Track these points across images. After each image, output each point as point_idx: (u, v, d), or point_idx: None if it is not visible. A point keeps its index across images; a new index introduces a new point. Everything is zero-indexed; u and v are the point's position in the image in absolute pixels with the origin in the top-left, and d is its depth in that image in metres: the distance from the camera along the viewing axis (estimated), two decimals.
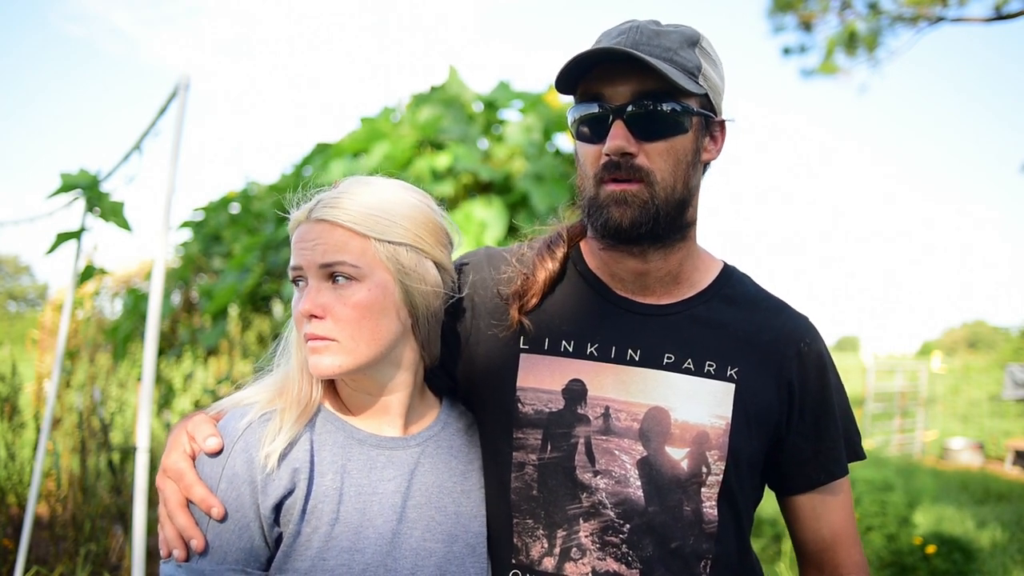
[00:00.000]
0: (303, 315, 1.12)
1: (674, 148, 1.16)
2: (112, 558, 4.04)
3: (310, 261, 1.13)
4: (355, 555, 1.11)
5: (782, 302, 1.32)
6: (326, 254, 1.12)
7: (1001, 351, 28.92)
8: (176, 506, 1.09)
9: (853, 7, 7.88)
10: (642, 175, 1.15)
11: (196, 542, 1.07)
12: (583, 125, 1.19)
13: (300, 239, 1.15)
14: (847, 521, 1.31)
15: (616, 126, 1.14)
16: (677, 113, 1.15)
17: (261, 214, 5.76)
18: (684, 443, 1.20)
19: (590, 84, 1.17)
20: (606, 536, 1.19)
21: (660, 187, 1.16)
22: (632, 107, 1.14)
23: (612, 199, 1.16)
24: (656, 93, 1.14)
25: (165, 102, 2.70)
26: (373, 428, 1.20)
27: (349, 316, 1.12)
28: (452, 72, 5.01)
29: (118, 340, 5.67)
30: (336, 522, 1.11)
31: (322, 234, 1.13)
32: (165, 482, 1.11)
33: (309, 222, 1.15)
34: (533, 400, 1.24)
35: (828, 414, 1.28)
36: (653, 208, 1.16)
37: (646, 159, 1.15)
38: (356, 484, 1.14)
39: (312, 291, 1.12)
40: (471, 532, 1.23)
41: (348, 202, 1.14)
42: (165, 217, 2.58)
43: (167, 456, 1.13)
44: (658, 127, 1.15)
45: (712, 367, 1.22)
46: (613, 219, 1.16)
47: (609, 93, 1.15)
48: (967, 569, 4.62)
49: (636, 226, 1.16)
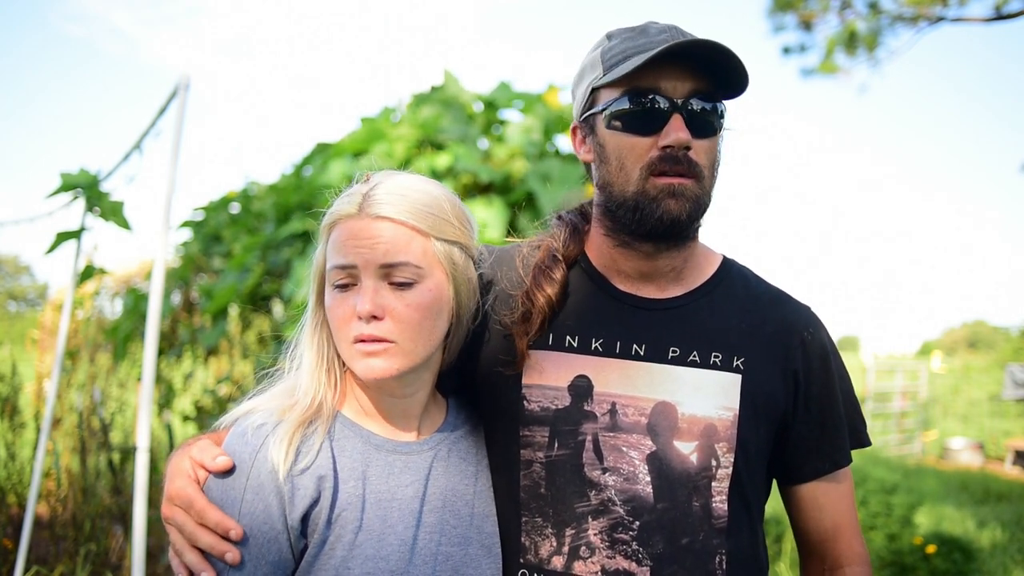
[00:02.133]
0: (364, 316, 1.06)
1: (714, 148, 1.20)
2: (112, 558, 4.03)
3: (368, 260, 1.07)
4: (379, 563, 1.08)
5: (784, 293, 1.33)
6: (388, 254, 1.07)
7: (1001, 351, 28.92)
8: (194, 528, 1.05)
9: (853, 7, 7.88)
10: (696, 171, 1.17)
11: (231, 555, 1.03)
12: (632, 118, 1.18)
13: (352, 236, 1.08)
14: (849, 511, 1.31)
15: (677, 119, 1.15)
16: (720, 114, 1.19)
17: (261, 214, 5.75)
18: (692, 436, 1.20)
19: (642, 77, 1.16)
20: (615, 534, 1.19)
21: (707, 183, 1.19)
22: (693, 102, 1.16)
23: (667, 192, 1.16)
24: (708, 93, 1.17)
25: (165, 102, 2.70)
26: (388, 433, 1.18)
27: (411, 318, 1.08)
28: (448, 76, 5.01)
29: (118, 340, 5.66)
30: (360, 530, 1.09)
31: (382, 232, 1.07)
32: (174, 511, 1.08)
33: (362, 218, 1.08)
34: (539, 397, 1.24)
35: (832, 403, 1.28)
36: (703, 204, 1.19)
37: (697, 155, 1.17)
38: (376, 491, 1.12)
39: (370, 291, 1.07)
40: (485, 533, 1.22)
41: (402, 198, 1.09)
42: (165, 217, 2.58)
43: (170, 484, 1.09)
44: (708, 125, 1.18)
45: (718, 358, 1.22)
46: (670, 212, 1.16)
47: (667, 87, 1.16)
48: (967, 569, 4.62)
49: (691, 219, 1.19)
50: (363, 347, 1.08)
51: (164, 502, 1.10)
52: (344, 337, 1.10)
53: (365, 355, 1.08)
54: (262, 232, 5.45)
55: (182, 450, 1.13)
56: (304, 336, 1.18)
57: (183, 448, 1.14)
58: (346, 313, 1.08)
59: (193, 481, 1.08)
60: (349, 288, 1.09)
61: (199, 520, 1.05)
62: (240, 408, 1.16)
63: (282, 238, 4.89)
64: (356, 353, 1.09)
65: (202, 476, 1.09)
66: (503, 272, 1.32)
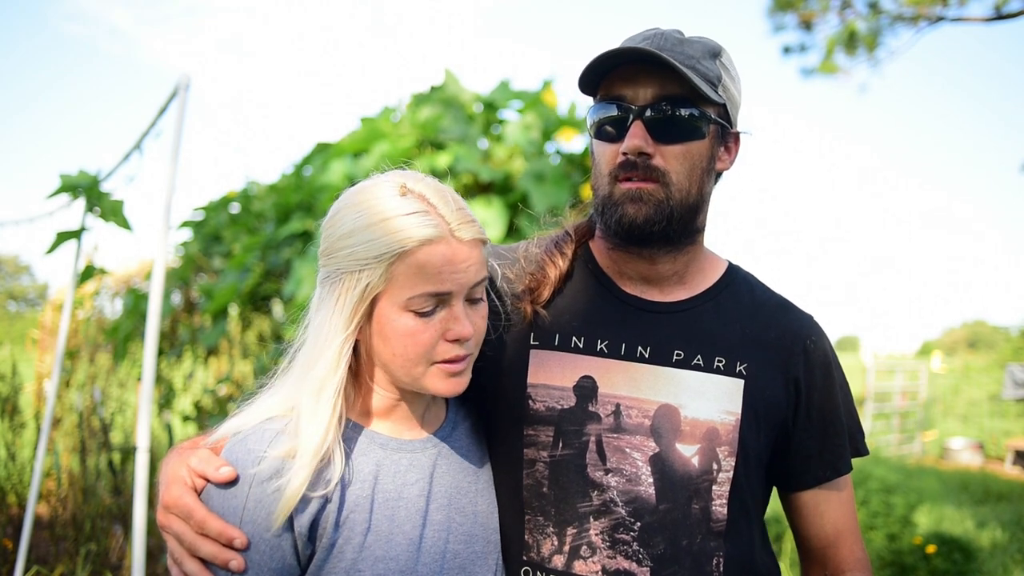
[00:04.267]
0: (464, 339, 1.07)
1: (690, 152, 1.19)
2: (112, 558, 4.03)
3: (463, 285, 1.06)
4: (389, 563, 1.08)
5: (787, 300, 1.34)
6: (477, 275, 1.08)
7: (1001, 351, 28.88)
8: (194, 538, 1.04)
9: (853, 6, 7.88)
10: (658, 175, 1.17)
11: (236, 562, 1.01)
12: (603, 125, 1.21)
13: (448, 263, 1.04)
14: (850, 516, 1.32)
15: (635, 126, 1.16)
16: (695, 118, 1.18)
17: (261, 214, 5.76)
18: (695, 439, 1.21)
19: (612, 85, 1.19)
20: (617, 534, 1.19)
21: (675, 188, 1.18)
22: (652, 109, 1.16)
23: (627, 196, 1.18)
24: (676, 98, 1.16)
25: (165, 102, 2.70)
26: (392, 432, 1.17)
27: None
28: (448, 75, 5.01)
29: (118, 340, 5.66)
30: (368, 531, 1.09)
31: (472, 255, 1.07)
32: (171, 519, 1.06)
33: (450, 242, 1.05)
34: (544, 397, 1.24)
35: (834, 411, 1.29)
36: (667, 208, 1.18)
37: (662, 160, 1.17)
38: (384, 491, 1.12)
39: (463, 315, 1.07)
40: (489, 530, 1.22)
41: (468, 213, 1.08)
42: (165, 217, 2.58)
43: (167, 492, 1.07)
44: (676, 130, 1.17)
45: (721, 363, 1.23)
46: (627, 216, 1.18)
47: (630, 95, 1.17)
48: (967, 569, 4.62)
49: (649, 223, 1.18)
50: (450, 367, 1.09)
51: (160, 510, 1.08)
52: (423, 360, 1.08)
53: (449, 375, 1.10)
54: (262, 232, 5.45)
55: (177, 457, 1.11)
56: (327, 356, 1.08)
57: (177, 454, 1.12)
58: (432, 338, 1.07)
59: (191, 490, 1.06)
60: (432, 312, 1.07)
61: (199, 530, 1.03)
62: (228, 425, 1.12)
63: (282, 238, 4.89)
64: (439, 373, 1.09)
65: (200, 485, 1.07)
66: (506, 264, 1.33)
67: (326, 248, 1.11)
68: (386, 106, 5.15)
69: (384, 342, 1.09)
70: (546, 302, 1.28)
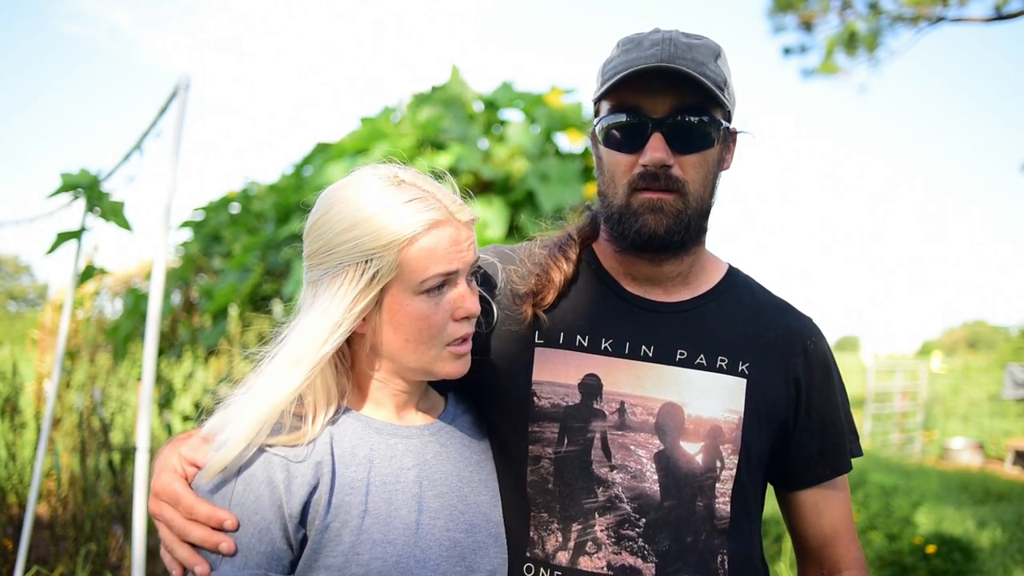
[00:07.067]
0: (472, 316, 1.13)
1: (706, 160, 1.20)
2: (112, 558, 4.03)
3: (467, 263, 1.12)
4: (387, 547, 1.09)
5: (787, 302, 1.35)
6: (475, 252, 1.14)
7: (1001, 351, 28.92)
8: (184, 523, 1.05)
9: (853, 7, 7.89)
10: (678, 186, 1.18)
11: (225, 544, 1.03)
12: (616, 133, 1.20)
13: (454, 243, 1.09)
14: (847, 516, 1.33)
15: (656, 138, 1.16)
16: (709, 126, 1.18)
17: (261, 214, 5.76)
18: (698, 437, 1.22)
19: (626, 94, 1.18)
20: (622, 530, 1.20)
21: (692, 198, 1.19)
22: (671, 120, 1.16)
23: (647, 207, 1.18)
24: (693, 107, 1.17)
25: (165, 102, 2.70)
26: (387, 417, 1.18)
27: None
28: (455, 71, 5.02)
29: (118, 340, 5.66)
30: (365, 514, 1.10)
31: (471, 233, 1.13)
32: (161, 506, 1.08)
33: (451, 223, 1.10)
34: (549, 394, 1.25)
35: (833, 411, 1.31)
36: (686, 218, 1.19)
37: (681, 171, 1.18)
38: (380, 474, 1.13)
39: (470, 291, 1.13)
40: (492, 522, 1.22)
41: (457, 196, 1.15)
42: (165, 217, 2.58)
43: (157, 479, 1.09)
44: (694, 141, 1.18)
45: (724, 362, 1.24)
46: (648, 226, 1.18)
47: (648, 105, 1.17)
48: (967, 569, 4.62)
49: (671, 234, 1.19)
50: (458, 349, 1.13)
51: (151, 498, 1.10)
52: (437, 342, 1.12)
53: (457, 356, 1.14)
54: (262, 232, 5.45)
55: (170, 446, 1.14)
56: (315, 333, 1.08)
57: (171, 444, 1.14)
58: (443, 319, 1.11)
59: (180, 477, 1.08)
60: (438, 292, 1.10)
61: (188, 515, 1.05)
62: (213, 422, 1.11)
63: (282, 238, 4.89)
64: (449, 355, 1.13)
65: (191, 472, 1.09)
66: (510, 265, 1.33)
67: (321, 246, 1.10)
68: (386, 106, 5.15)
69: (396, 329, 1.11)
70: (549, 306, 1.28)
